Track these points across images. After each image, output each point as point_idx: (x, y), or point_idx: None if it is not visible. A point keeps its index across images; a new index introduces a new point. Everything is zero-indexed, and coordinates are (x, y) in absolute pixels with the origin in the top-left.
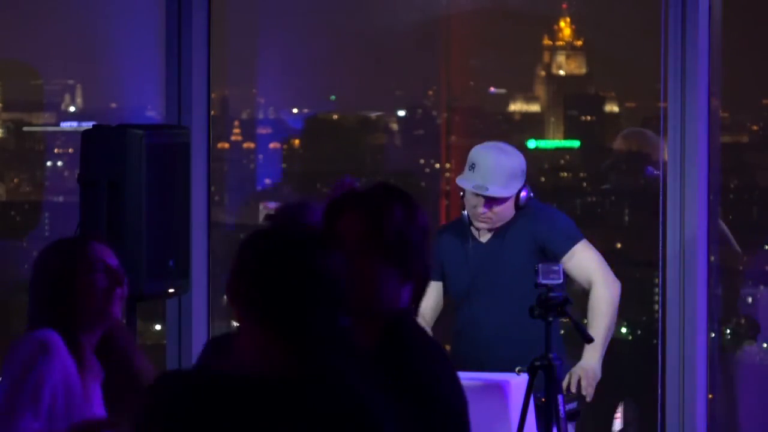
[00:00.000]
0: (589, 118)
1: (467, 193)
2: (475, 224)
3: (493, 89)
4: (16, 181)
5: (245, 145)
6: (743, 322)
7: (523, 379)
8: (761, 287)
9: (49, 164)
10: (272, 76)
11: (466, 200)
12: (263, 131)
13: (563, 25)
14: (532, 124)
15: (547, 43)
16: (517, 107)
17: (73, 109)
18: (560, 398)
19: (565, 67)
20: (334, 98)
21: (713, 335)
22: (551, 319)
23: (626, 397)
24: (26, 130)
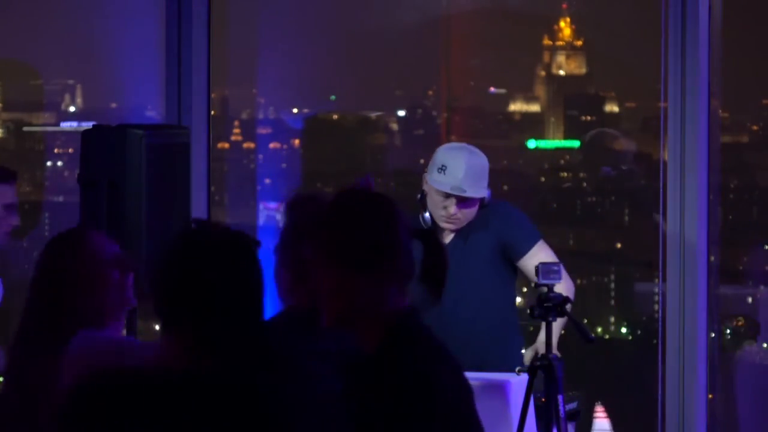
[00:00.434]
0: (589, 118)
1: (434, 194)
2: (441, 225)
3: (493, 89)
4: None
5: (245, 145)
6: (742, 322)
7: (523, 379)
8: (761, 287)
9: (49, 164)
10: (272, 76)
11: (431, 202)
12: (263, 131)
13: (563, 25)
14: (532, 124)
15: (547, 43)
16: (517, 107)
17: (73, 109)
18: (560, 398)
19: (565, 67)
20: (334, 98)
21: (713, 335)
22: (551, 319)
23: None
24: (26, 130)
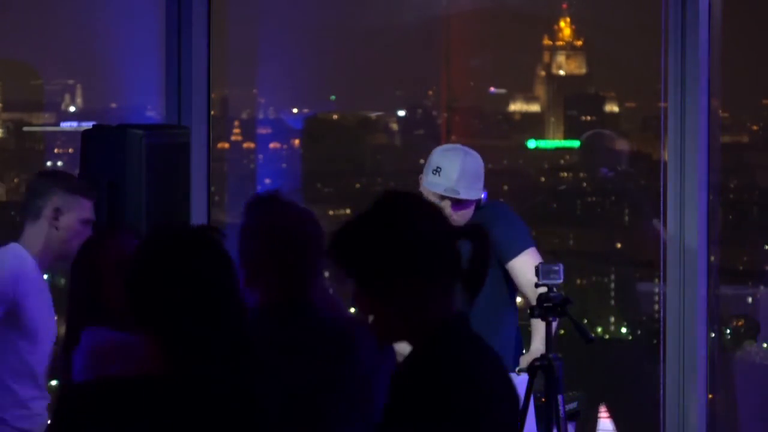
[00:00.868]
0: (589, 118)
1: (429, 196)
2: None
3: (493, 89)
4: (16, 181)
5: (245, 145)
6: (742, 322)
7: (523, 379)
8: (761, 287)
9: (49, 164)
10: (272, 76)
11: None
12: (263, 131)
13: (563, 25)
14: (532, 124)
15: (547, 43)
16: (517, 107)
17: (73, 109)
18: (560, 398)
19: (565, 67)
20: (334, 98)
21: (713, 335)
22: (551, 319)
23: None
24: (26, 130)
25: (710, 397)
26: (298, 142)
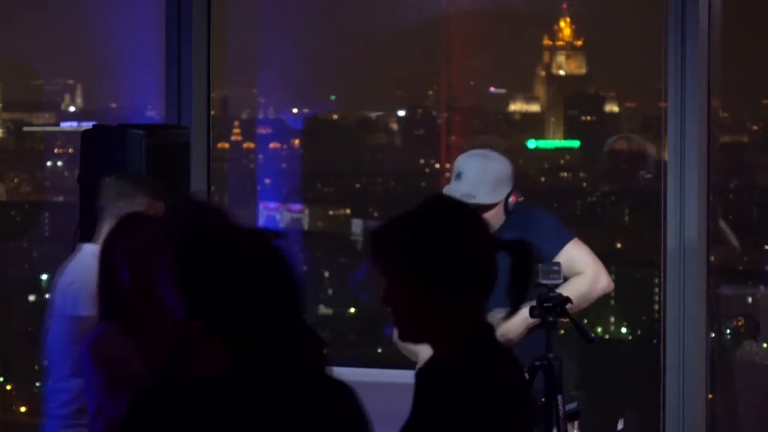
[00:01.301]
0: (589, 118)
1: None
2: None
3: (493, 89)
4: (16, 181)
5: (245, 145)
6: (742, 322)
7: None
8: (761, 287)
9: (49, 164)
10: (272, 76)
11: None
12: (263, 131)
13: (563, 25)
14: (532, 124)
15: (547, 43)
16: (517, 107)
17: (73, 109)
18: (560, 398)
19: (565, 67)
20: (334, 98)
21: (713, 335)
22: (551, 319)
23: (627, 403)
24: (26, 130)
25: (710, 397)
26: (298, 142)
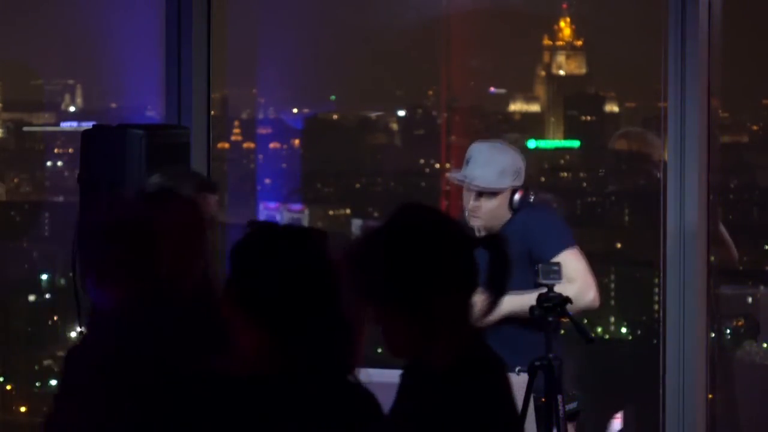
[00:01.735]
0: (589, 118)
1: (464, 190)
2: (470, 223)
3: (493, 89)
4: (16, 181)
5: (245, 145)
6: (742, 322)
7: (523, 379)
8: (761, 287)
9: (49, 164)
10: (272, 76)
11: (463, 197)
12: (263, 131)
13: (563, 25)
14: (532, 124)
15: (547, 43)
16: (517, 107)
17: (73, 109)
18: (560, 398)
19: (565, 67)
20: (334, 98)
21: (713, 335)
22: (551, 318)
23: (627, 403)
24: (26, 130)
25: (710, 397)
26: (298, 142)
